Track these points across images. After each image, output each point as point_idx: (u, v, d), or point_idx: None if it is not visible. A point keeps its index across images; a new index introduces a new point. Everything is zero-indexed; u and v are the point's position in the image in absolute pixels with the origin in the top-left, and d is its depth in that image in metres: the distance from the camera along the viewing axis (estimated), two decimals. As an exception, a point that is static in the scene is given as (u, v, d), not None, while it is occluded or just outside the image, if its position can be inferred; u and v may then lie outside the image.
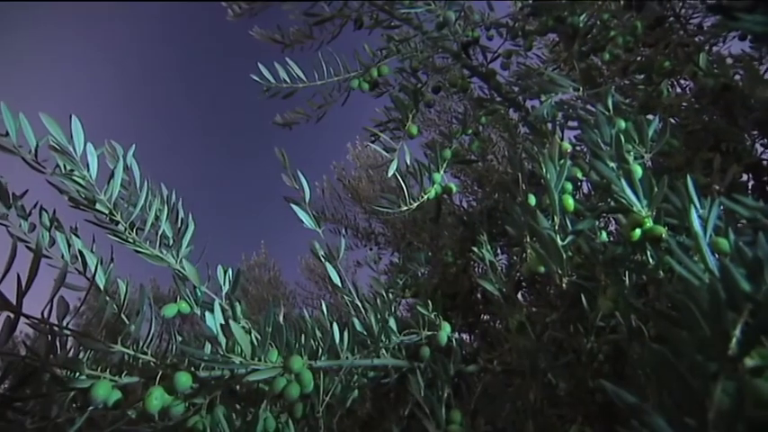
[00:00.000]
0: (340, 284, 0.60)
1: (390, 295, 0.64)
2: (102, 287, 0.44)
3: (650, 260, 0.55)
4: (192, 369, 0.48)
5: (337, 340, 0.52)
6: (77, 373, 0.39)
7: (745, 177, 0.80)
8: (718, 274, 0.38)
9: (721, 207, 0.47)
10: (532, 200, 0.52)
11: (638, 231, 0.45)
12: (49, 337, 0.35)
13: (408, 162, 0.67)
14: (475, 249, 0.67)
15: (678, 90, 0.92)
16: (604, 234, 0.61)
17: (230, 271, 0.58)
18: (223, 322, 0.44)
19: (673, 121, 0.82)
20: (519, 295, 1.05)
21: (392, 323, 0.55)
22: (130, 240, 0.52)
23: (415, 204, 0.63)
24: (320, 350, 0.54)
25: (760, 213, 0.43)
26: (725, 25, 0.56)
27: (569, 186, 0.49)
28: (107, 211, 0.47)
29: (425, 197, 0.64)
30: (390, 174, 0.64)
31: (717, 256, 0.42)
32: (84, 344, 0.38)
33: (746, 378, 0.29)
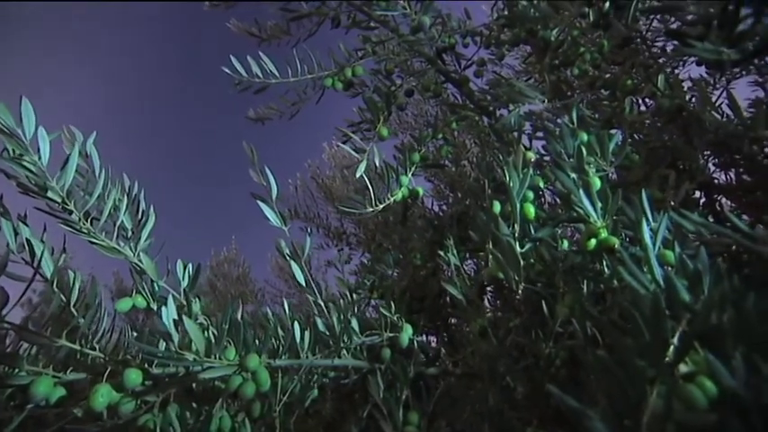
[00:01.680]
0: (304, 283, 0.60)
1: (355, 296, 0.64)
2: (48, 277, 0.42)
3: (606, 270, 0.57)
4: (146, 366, 0.46)
5: (298, 339, 0.52)
6: (16, 369, 0.37)
7: (698, 194, 0.85)
8: (663, 284, 0.40)
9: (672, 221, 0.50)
10: (497, 207, 0.53)
11: (593, 241, 0.47)
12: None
13: (377, 164, 0.68)
14: (441, 253, 0.68)
15: (643, 108, 0.96)
16: (566, 243, 0.63)
17: (190, 266, 0.56)
18: (176, 318, 0.43)
19: (636, 137, 0.86)
20: (486, 300, 1.07)
21: (354, 324, 0.55)
22: (85, 231, 0.50)
23: (381, 206, 0.63)
24: (281, 349, 0.53)
25: (703, 228, 0.46)
26: (680, 50, 0.60)
27: (531, 195, 0.51)
28: (59, 200, 0.45)
29: (392, 199, 0.64)
30: (358, 175, 0.64)
31: (665, 267, 0.45)
32: (23, 337, 0.36)
33: (680, 383, 0.30)
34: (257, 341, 0.50)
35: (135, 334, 0.53)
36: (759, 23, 0.39)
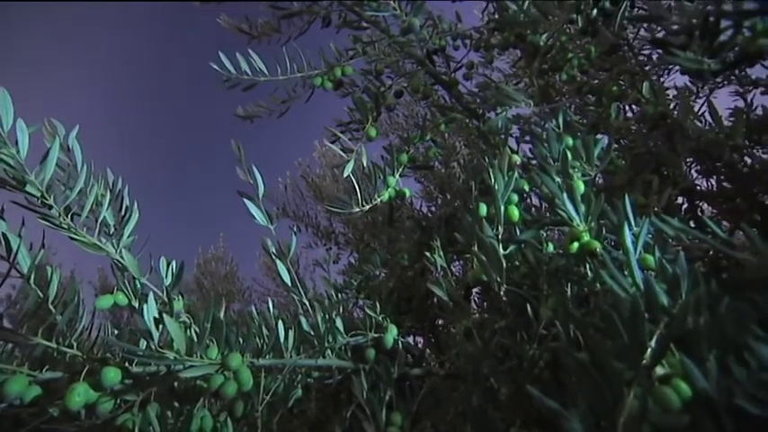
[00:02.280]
0: (290, 282, 0.60)
1: (341, 296, 0.64)
2: (24, 273, 0.41)
3: (589, 273, 0.58)
4: (126, 364, 0.45)
5: (282, 339, 0.51)
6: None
7: (680, 200, 0.87)
8: (643, 288, 0.41)
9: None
10: (483, 209, 0.53)
11: (575, 245, 0.47)
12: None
13: (365, 164, 0.68)
14: (428, 255, 0.68)
15: (629, 114, 0.98)
16: (551, 246, 0.64)
17: (174, 263, 0.55)
18: (157, 316, 0.43)
19: (622, 142, 0.87)
20: (473, 301, 1.07)
21: (339, 324, 0.55)
22: (65, 226, 0.49)
23: (368, 206, 0.63)
24: (265, 348, 0.53)
25: (683, 233, 0.47)
26: (664, 59, 0.61)
27: (515, 197, 0.51)
28: (38, 194, 0.44)
29: (378, 200, 0.64)
30: (346, 174, 0.64)
31: (645, 271, 0.45)
32: (-4, 334, 0.35)
33: (656, 385, 0.31)
34: (241, 340, 0.50)
35: (116, 332, 0.53)
36: (738, 35, 0.40)
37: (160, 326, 0.43)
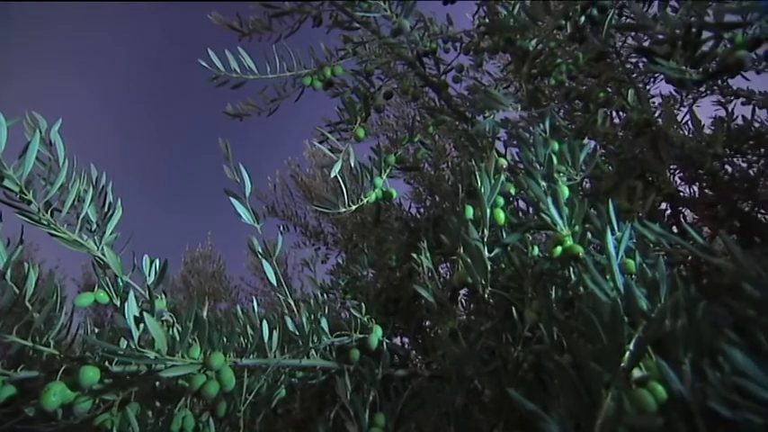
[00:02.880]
0: (276, 282, 0.59)
1: (328, 296, 0.63)
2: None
3: (573, 276, 0.58)
4: (105, 363, 0.45)
5: (266, 338, 0.51)
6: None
7: (663, 206, 0.88)
8: (623, 292, 0.42)
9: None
10: (469, 211, 0.54)
11: (559, 249, 0.48)
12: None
13: (352, 165, 0.68)
14: (415, 256, 0.69)
15: (617, 120, 0.99)
16: (536, 249, 0.64)
17: (157, 261, 0.55)
18: (138, 314, 0.42)
19: (611, 147, 0.89)
20: (460, 303, 1.08)
21: (324, 324, 0.55)
22: (44, 222, 0.48)
23: (354, 207, 0.63)
24: (249, 347, 0.52)
25: (664, 239, 0.48)
26: (649, 67, 0.62)
27: (501, 200, 0.52)
28: (17, 189, 0.43)
29: (365, 200, 0.64)
30: (333, 175, 0.64)
31: (626, 275, 0.46)
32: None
33: (633, 388, 0.31)
34: (224, 339, 0.49)
35: (96, 330, 0.52)
36: (719, 46, 0.41)
37: (141, 324, 0.43)
